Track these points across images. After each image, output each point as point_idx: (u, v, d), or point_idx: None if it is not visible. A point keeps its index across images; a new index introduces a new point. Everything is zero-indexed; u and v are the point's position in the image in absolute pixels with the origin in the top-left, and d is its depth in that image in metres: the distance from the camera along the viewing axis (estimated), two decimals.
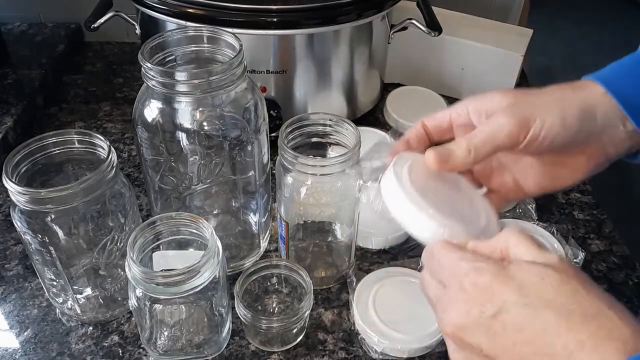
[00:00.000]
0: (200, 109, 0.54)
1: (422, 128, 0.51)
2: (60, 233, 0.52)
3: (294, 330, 0.57)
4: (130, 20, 0.80)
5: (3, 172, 0.50)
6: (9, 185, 0.49)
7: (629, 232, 0.73)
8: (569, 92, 0.46)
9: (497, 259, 0.38)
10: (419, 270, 0.62)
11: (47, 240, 0.52)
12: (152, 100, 0.54)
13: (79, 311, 0.59)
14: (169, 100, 0.54)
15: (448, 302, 0.38)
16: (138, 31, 0.80)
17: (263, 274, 0.60)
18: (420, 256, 0.45)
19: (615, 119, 0.46)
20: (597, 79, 0.47)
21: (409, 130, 0.52)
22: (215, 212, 0.66)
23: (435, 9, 0.84)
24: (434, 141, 0.51)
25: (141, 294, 0.50)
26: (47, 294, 0.60)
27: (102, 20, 0.76)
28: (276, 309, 0.61)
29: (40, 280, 0.59)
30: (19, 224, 0.52)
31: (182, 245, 0.55)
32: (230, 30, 0.57)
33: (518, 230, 0.40)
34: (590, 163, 0.47)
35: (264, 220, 0.65)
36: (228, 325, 0.57)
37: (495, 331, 0.35)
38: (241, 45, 0.54)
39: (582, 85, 0.47)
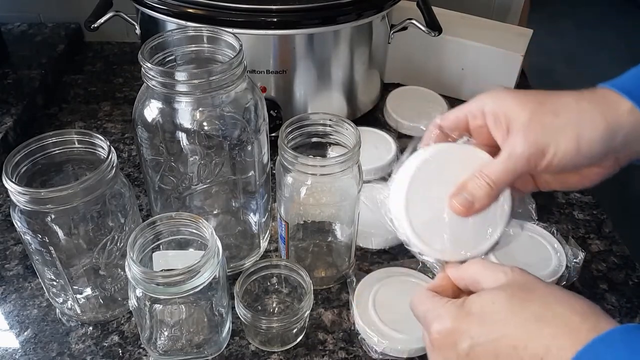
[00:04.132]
0: (200, 109, 0.54)
1: (438, 129, 0.49)
2: (60, 233, 0.52)
3: (294, 330, 0.57)
4: (130, 20, 0.80)
5: (3, 172, 0.50)
6: (9, 185, 0.49)
7: (629, 232, 0.73)
8: (590, 109, 0.43)
9: (455, 300, 0.41)
10: (420, 271, 0.62)
11: (47, 240, 0.52)
12: (152, 100, 0.54)
13: (79, 311, 0.59)
14: (169, 100, 0.54)
15: (429, 353, 0.42)
16: (138, 31, 0.80)
17: (263, 274, 0.60)
18: None
19: (636, 137, 0.43)
20: (625, 92, 0.43)
21: (426, 134, 0.49)
22: (215, 212, 0.66)
23: (435, 9, 0.84)
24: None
25: (141, 294, 0.50)
26: (47, 294, 0.60)
27: (102, 20, 0.76)
28: (276, 309, 0.61)
29: (40, 280, 0.59)
30: (19, 224, 0.52)
31: (182, 245, 0.55)
32: (230, 30, 0.57)
33: (479, 262, 0.43)
34: (602, 173, 0.46)
35: (264, 220, 0.65)
36: (228, 325, 0.57)
37: None
38: (241, 45, 0.54)
39: (604, 98, 0.44)
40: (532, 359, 0.35)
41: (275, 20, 0.70)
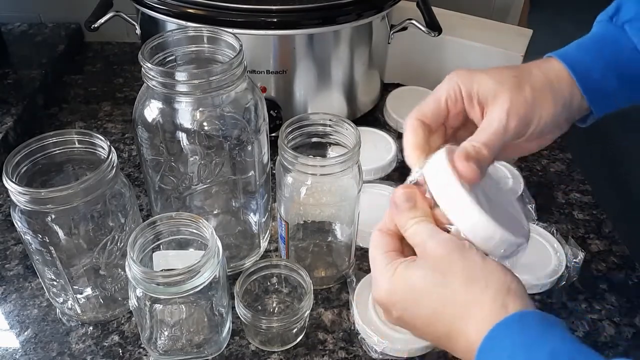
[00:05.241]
0: (200, 109, 0.54)
1: (422, 125, 0.48)
2: (61, 233, 0.52)
3: (294, 330, 0.57)
4: (130, 20, 0.80)
5: (3, 172, 0.50)
6: (9, 185, 0.49)
7: (629, 232, 0.73)
8: (556, 84, 0.48)
9: (391, 266, 0.43)
10: None
11: (48, 240, 0.52)
12: (152, 101, 0.54)
13: (79, 311, 0.59)
14: (169, 101, 0.54)
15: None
16: (138, 31, 0.80)
17: (263, 273, 0.60)
18: None
19: (582, 104, 0.49)
20: (568, 65, 0.48)
21: (410, 136, 0.48)
22: (215, 212, 0.66)
23: (435, 9, 0.84)
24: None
25: (141, 293, 0.50)
26: (47, 293, 0.60)
27: (102, 20, 0.77)
28: (276, 308, 0.61)
29: (40, 280, 0.59)
30: (19, 224, 0.52)
31: (182, 245, 0.55)
32: (230, 30, 0.57)
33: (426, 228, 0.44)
34: (556, 136, 0.50)
35: (264, 220, 0.65)
36: (228, 325, 0.58)
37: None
38: (241, 46, 0.54)
39: (556, 73, 0.48)
40: (438, 333, 0.41)
41: (275, 20, 0.70)
